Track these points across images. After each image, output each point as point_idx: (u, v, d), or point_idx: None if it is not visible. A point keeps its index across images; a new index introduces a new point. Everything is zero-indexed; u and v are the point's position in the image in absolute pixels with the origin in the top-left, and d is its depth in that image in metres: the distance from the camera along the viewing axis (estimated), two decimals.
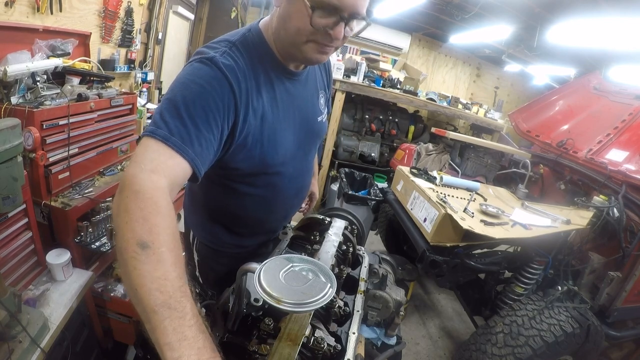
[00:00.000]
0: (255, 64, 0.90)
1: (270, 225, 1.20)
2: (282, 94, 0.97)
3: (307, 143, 1.12)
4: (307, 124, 1.08)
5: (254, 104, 0.88)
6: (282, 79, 0.97)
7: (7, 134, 1.13)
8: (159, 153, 0.70)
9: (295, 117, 1.02)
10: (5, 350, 1.10)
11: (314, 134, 1.12)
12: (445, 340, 2.74)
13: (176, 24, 4.42)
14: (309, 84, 1.07)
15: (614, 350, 2.29)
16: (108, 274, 1.99)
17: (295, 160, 1.07)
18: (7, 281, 1.33)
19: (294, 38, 0.85)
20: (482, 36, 4.14)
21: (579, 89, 3.18)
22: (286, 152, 1.01)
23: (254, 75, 0.89)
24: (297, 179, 1.13)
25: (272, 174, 1.02)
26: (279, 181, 1.06)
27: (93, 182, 1.83)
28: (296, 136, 1.04)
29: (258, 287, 0.65)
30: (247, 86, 0.86)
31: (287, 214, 1.23)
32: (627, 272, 1.92)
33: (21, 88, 1.58)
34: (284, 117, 0.98)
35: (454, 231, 1.79)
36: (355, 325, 0.82)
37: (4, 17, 1.76)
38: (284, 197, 1.13)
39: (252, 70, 0.89)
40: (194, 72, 0.83)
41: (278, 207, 1.14)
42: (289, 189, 1.12)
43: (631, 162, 2.25)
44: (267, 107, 0.92)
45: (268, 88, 0.93)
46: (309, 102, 1.08)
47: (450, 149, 3.51)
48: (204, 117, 0.77)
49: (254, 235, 1.19)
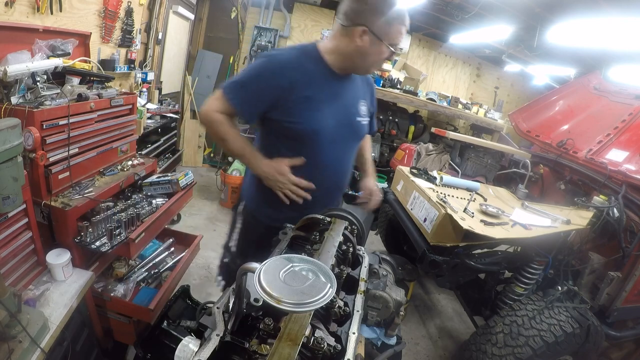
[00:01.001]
0: (307, 64, 1.28)
1: (305, 203, 1.37)
2: (328, 88, 1.31)
3: (345, 132, 1.37)
4: (346, 116, 1.36)
5: (299, 86, 1.24)
6: (331, 80, 1.32)
7: (7, 134, 1.13)
8: (220, 102, 1.27)
9: (336, 107, 1.32)
10: (5, 350, 1.10)
11: (351, 127, 1.39)
12: (445, 340, 2.74)
13: (176, 24, 4.42)
14: (351, 89, 1.39)
15: (614, 350, 2.28)
16: (108, 274, 1.99)
17: (334, 142, 1.34)
18: (7, 281, 1.33)
19: (368, 65, 1.31)
20: (482, 36, 4.13)
21: (579, 89, 3.18)
22: (325, 129, 1.30)
23: (303, 70, 1.26)
24: (334, 161, 1.38)
25: (312, 144, 1.30)
26: (318, 154, 1.32)
27: (93, 182, 1.83)
28: (335, 120, 1.31)
29: (258, 287, 0.65)
30: (293, 76, 1.24)
31: (322, 198, 1.39)
32: (627, 272, 1.92)
33: (21, 88, 1.58)
34: (326, 103, 1.29)
35: (454, 231, 1.79)
36: (355, 325, 0.82)
37: (4, 17, 1.76)
38: (321, 175, 1.36)
39: (302, 67, 1.26)
40: (255, 62, 1.30)
41: (315, 182, 1.34)
42: (326, 167, 1.36)
43: (631, 162, 2.25)
44: (313, 92, 1.27)
45: (316, 80, 1.28)
46: (349, 100, 1.38)
47: (450, 149, 3.51)
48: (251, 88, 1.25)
49: (290, 211, 1.36)
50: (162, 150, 3.92)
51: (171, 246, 2.42)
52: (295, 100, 1.24)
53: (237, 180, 4.10)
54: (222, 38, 5.28)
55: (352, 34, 1.22)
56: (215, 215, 3.96)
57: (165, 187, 2.12)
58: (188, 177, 2.22)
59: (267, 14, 5.05)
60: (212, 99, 1.28)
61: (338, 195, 1.54)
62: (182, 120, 5.02)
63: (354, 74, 1.38)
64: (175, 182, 2.11)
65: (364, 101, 1.43)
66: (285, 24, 5.08)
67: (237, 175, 4.15)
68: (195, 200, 4.07)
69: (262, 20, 5.06)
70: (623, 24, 2.35)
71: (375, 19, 1.19)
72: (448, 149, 3.54)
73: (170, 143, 4.20)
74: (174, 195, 2.10)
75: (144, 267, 2.13)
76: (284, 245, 1.10)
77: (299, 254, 0.92)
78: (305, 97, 1.25)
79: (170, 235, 2.50)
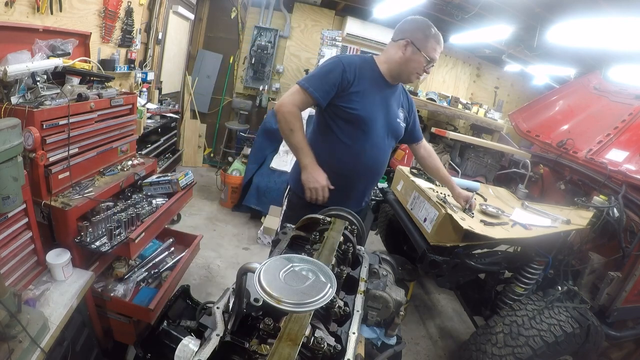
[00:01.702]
0: (365, 69, 1.63)
1: (345, 187, 1.67)
2: (379, 89, 1.65)
3: (387, 127, 1.68)
4: (389, 114, 1.68)
5: (360, 81, 1.59)
6: (381, 84, 1.66)
7: (7, 134, 1.13)
8: (298, 94, 1.57)
9: (383, 105, 1.65)
10: (5, 350, 1.10)
11: (392, 124, 1.70)
12: (445, 340, 2.74)
13: (176, 24, 4.42)
14: (394, 96, 1.72)
15: (614, 350, 2.28)
16: (108, 274, 1.99)
17: (377, 131, 1.64)
18: (7, 281, 1.33)
19: (409, 73, 1.63)
20: (482, 36, 4.13)
21: (579, 89, 3.18)
22: (373, 117, 1.61)
23: (362, 72, 1.61)
24: (375, 147, 1.66)
25: (362, 127, 1.60)
26: (365, 137, 1.62)
27: (93, 182, 1.83)
28: (381, 114, 1.64)
29: (258, 287, 0.65)
30: (356, 73, 1.58)
31: (360, 184, 1.72)
32: (627, 272, 1.92)
33: (21, 88, 1.58)
34: (377, 100, 1.63)
35: (454, 231, 1.79)
36: (355, 325, 0.82)
37: (4, 17, 1.76)
38: (363, 160, 1.65)
39: (362, 70, 1.61)
40: (327, 62, 1.63)
41: (357, 166, 1.65)
42: (369, 154, 1.65)
43: (631, 162, 2.25)
44: (367, 89, 1.60)
45: (370, 82, 1.62)
46: (392, 104, 1.71)
47: (450, 149, 3.51)
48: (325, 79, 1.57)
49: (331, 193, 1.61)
50: (162, 150, 3.92)
51: (171, 246, 2.42)
52: (355, 91, 1.58)
53: (237, 180, 4.10)
54: (222, 38, 5.27)
55: (399, 45, 1.60)
56: (215, 215, 3.96)
57: (165, 187, 2.12)
58: (188, 177, 2.22)
59: (267, 14, 5.05)
60: (289, 94, 1.59)
61: (374, 180, 1.80)
62: (182, 120, 5.02)
63: (397, 86, 1.72)
64: (175, 182, 2.11)
65: (402, 109, 1.77)
66: (285, 24, 5.08)
67: (237, 175, 4.15)
68: (195, 200, 4.07)
69: (262, 20, 5.06)
70: (623, 24, 2.35)
71: (416, 35, 1.57)
72: (448, 149, 3.54)
73: (170, 143, 4.20)
74: (174, 195, 2.10)
75: (144, 267, 2.13)
76: (284, 245, 1.10)
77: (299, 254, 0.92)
78: (363, 91, 1.59)
79: (170, 235, 2.50)
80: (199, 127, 5.28)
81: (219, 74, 5.34)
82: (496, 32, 3.86)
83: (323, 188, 1.56)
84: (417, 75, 1.64)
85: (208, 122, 5.46)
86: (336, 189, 1.62)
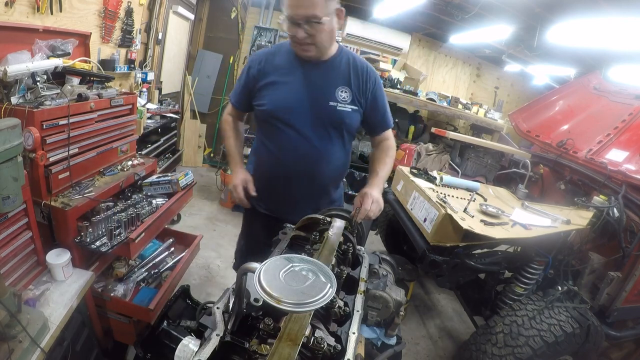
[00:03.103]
0: (276, 56, 1.44)
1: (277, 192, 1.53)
2: (294, 74, 1.41)
3: (314, 115, 1.41)
4: (315, 99, 1.41)
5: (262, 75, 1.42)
6: (297, 66, 1.41)
7: (7, 134, 1.13)
8: (229, 104, 1.61)
9: (304, 90, 1.40)
10: (5, 350, 1.10)
11: (321, 110, 1.41)
12: (445, 340, 2.74)
13: (176, 24, 4.41)
14: (327, 75, 1.42)
15: (614, 350, 2.28)
16: (108, 274, 1.99)
17: (299, 127, 1.41)
18: (7, 281, 1.33)
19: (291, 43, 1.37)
20: (482, 36, 4.13)
21: (579, 89, 3.18)
22: (286, 112, 1.40)
23: (271, 62, 1.43)
24: (300, 142, 1.42)
25: (275, 125, 1.42)
26: (280, 139, 1.43)
27: (93, 182, 1.83)
28: (300, 102, 1.40)
29: (258, 287, 0.65)
30: (261, 67, 1.43)
31: (292, 188, 1.50)
32: (627, 272, 1.92)
33: (21, 88, 1.58)
34: (291, 86, 1.40)
35: (454, 231, 1.79)
36: (355, 325, 0.82)
37: (4, 17, 1.76)
38: (284, 160, 1.45)
39: (270, 60, 1.43)
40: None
41: (279, 168, 1.47)
42: (290, 153, 1.44)
43: (631, 162, 2.25)
44: (277, 79, 1.41)
45: (283, 69, 1.41)
46: (321, 85, 1.41)
47: (450, 149, 3.51)
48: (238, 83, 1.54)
49: (261, 201, 1.55)
50: (162, 150, 3.92)
51: (171, 246, 2.42)
52: (262, 86, 1.43)
53: None
54: (222, 38, 5.27)
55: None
56: (215, 215, 3.96)
57: (165, 187, 2.12)
58: (188, 177, 2.22)
59: (267, 14, 5.05)
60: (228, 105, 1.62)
61: (312, 181, 1.49)
62: (182, 120, 5.02)
63: (332, 63, 1.43)
64: (175, 182, 2.11)
65: (345, 88, 1.42)
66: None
67: None
68: (195, 200, 4.07)
69: (262, 20, 5.06)
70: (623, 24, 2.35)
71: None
72: (448, 149, 3.54)
73: (170, 143, 4.19)
74: (174, 195, 2.10)
75: (144, 267, 2.13)
76: (284, 245, 1.10)
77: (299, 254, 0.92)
78: (273, 82, 1.42)
79: (170, 235, 2.50)
80: (199, 127, 5.28)
81: (219, 74, 5.34)
82: (496, 32, 3.86)
83: (235, 188, 1.46)
84: (297, 46, 1.33)
85: (208, 122, 5.46)
86: (270, 194, 1.53)
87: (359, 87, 1.44)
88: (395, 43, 5.10)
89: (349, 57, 1.45)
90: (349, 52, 1.49)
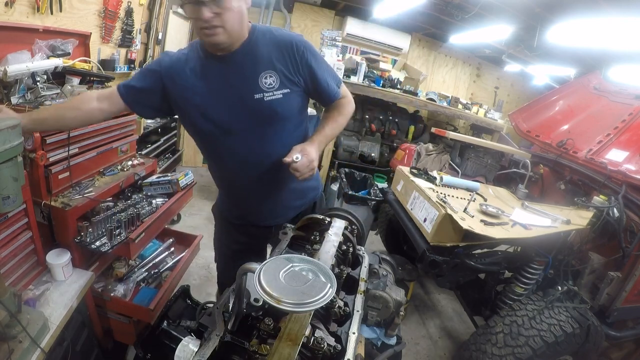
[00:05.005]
0: (190, 58, 1.24)
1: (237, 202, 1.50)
2: (213, 74, 1.22)
3: (243, 116, 1.24)
4: (238, 98, 1.22)
5: (179, 81, 1.22)
6: (213, 63, 1.22)
7: (7, 134, 1.13)
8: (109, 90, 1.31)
9: (228, 92, 1.22)
10: (5, 350, 1.10)
11: (248, 108, 1.23)
12: (445, 340, 2.74)
13: (176, 24, 4.41)
14: (243, 65, 1.21)
15: (614, 350, 2.28)
16: (108, 274, 1.99)
17: (231, 132, 1.26)
18: (7, 281, 1.33)
19: (196, 31, 1.13)
20: (482, 36, 4.14)
21: (579, 89, 3.18)
22: (218, 120, 1.24)
23: (185, 64, 1.23)
24: (241, 151, 1.29)
25: (207, 139, 1.31)
26: (223, 149, 1.31)
27: (93, 182, 1.83)
28: (224, 107, 1.23)
29: (258, 287, 0.65)
30: (174, 71, 1.22)
31: (249, 196, 1.44)
32: (627, 272, 1.92)
33: (21, 88, 1.58)
34: (215, 92, 1.22)
35: (454, 231, 1.79)
36: (355, 325, 0.82)
37: (4, 17, 1.76)
38: (233, 169, 1.35)
39: (185, 62, 1.23)
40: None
41: (225, 177, 1.45)
42: (228, 161, 1.34)
43: (631, 162, 2.25)
44: (196, 83, 1.22)
45: (197, 71, 1.22)
46: (243, 80, 1.21)
47: (450, 149, 3.51)
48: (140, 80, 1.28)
49: (230, 212, 1.54)
50: (162, 150, 3.92)
51: (171, 246, 2.42)
52: (181, 103, 1.25)
53: None
54: None
55: None
56: None
57: (165, 187, 2.12)
58: (188, 177, 2.22)
59: (267, 14, 5.05)
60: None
61: (260, 185, 1.37)
62: None
63: (248, 46, 1.21)
64: (175, 182, 2.10)
65: (269, 72, 1.21)
66: (285, 24, 5.08)
67: None
68: (195, 200, 4.07)
69: (262, 20, 5.06)
70: (623, 24, 2.36)
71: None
72: (448, 149, 3.54)
73: (170, 143, 4.19)
74: (174, 195, 2.10)
75: (144, 267, 2.13)
76: (284, 245, 1.10)
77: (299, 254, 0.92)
78: (188, 97, 1.23)
79: (170, 235, 2.50)
80: None
81: None
82: (496, 32, 3.87)
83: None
84: (203, 31, 1.10)
85: None
86: (235, 204, 1.52)
87: (288, 66, 1.23)
88: (395, 43, 5.10)
89: (265, 35, 1.23)
90: (265, 29, 1.26)
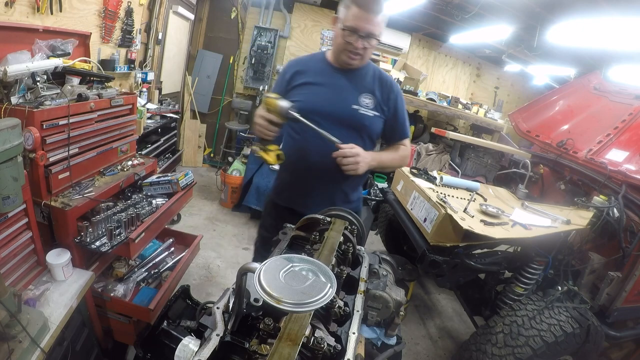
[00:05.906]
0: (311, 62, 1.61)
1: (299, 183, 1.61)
2: (325, 77, 1.55)
3: (337, 115, 1.51)
4: (340, 101, 1.52)
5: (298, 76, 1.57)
6: (329, 72, 1.55)
7: (7, 134, 1.13)
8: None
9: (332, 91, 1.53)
10: (5, 350, 1.10)
11: (345, 112, 1.52)
12: (445, 340, 2.74)
13: (176, 24, 4.41)
14: (354, 82, 1.55)
15: (614, 350, 2.29)
16: (108, 274, 1.99)
17: (323, 121, 1.44)
18: (7, 281, 1.33)
19: (337, 51, 1.48)
20: (482, 36, 4.13)
21: (579, 89, 3.18)
22: (313, 105, 1.49)
23: (304, 68, 1.58)
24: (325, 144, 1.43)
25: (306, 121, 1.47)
26: (311, 134, 1.44)
27: (93, 182, 1.83)
28: (328, 102, 1.52)
29: (258, 287, 0.64)
30: (294, 72, 1.58)
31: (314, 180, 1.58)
32: (627, 272, 1.92)
33: (21, 88, 1.58)
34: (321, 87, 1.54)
35: (454, 231, 1.79)
36: (355, 325, 0.82)
37: (4, 17, 1.76)
38: (313, 154, 1.53)
39: (303, 66, 1.59)
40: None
41: (301, 160, 1.55)
42: (317, 148, 1.50)
43: (631, 162, 2.25)
44: (308, 79, 1.55)
45: (315, 74, 1.56)
46: (347, 90, 1.54)
47: (450, 149, 3.51)
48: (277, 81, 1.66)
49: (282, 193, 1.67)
50: (162, 150, 3.92)
51: (171, 246, 2.42)
52: (295, 86, 1.56)
53: (237, 181, 4.10)
54: (222, 38, 5.27)
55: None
56: (215, 215, 3.96)
57: (165, 187, 2.12)
58: (188, 177, 2.22)
59: (267, 14, 5.05)
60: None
61: (333, 178, 1.56)
62: (182, 120, 5.02)
63: (359, 72, 1.55)
64: (175, 182, 2.11)
65: (368, 95, 1.55)
66: (285, 24, 5.08)
67: (237, 175, 4.15)
68: (195, 200, 4.07)
69: (262, 20, 5.06)
70: (623, 24, 2.36)
71: (342, 7, 1.41)
72: (448, 149, 3.55)
73: (170, 143, 4.19)
74: (174, 195, 2.10)
75: (144, 267, 2.13)
76: (284, 245, 1.10)
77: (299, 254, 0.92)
78: (302, 83, 1.56)
79: (170, 235, 2.50)
80: (199, 127, 5.28)
81: (219, 74, 5.34)
82: (496, 32, 3.86)
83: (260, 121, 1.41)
84: (348, 53, 1.43)
85: (208, 122, 5.46)
86: (291, 186, 1.64)
87: (382, 97, 1.58)
88: (395, 43, 5.10)
89: (374, 70, 1.60)
90: (375, 66, 1.64)
